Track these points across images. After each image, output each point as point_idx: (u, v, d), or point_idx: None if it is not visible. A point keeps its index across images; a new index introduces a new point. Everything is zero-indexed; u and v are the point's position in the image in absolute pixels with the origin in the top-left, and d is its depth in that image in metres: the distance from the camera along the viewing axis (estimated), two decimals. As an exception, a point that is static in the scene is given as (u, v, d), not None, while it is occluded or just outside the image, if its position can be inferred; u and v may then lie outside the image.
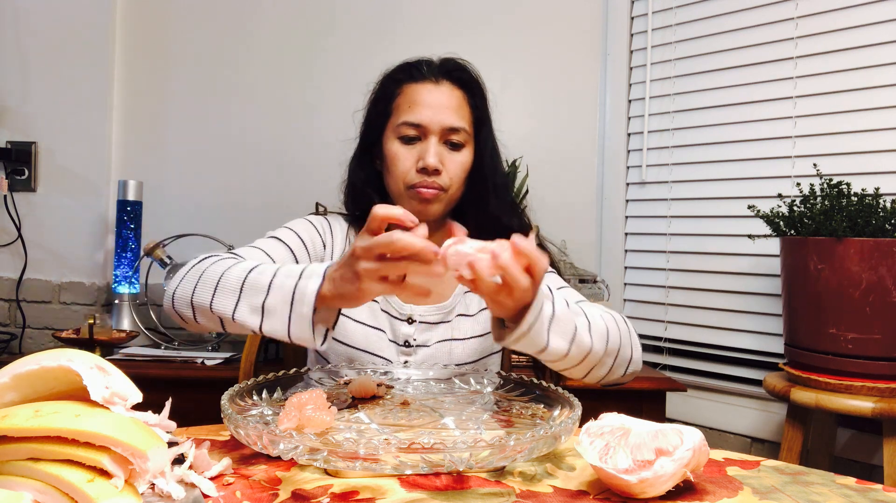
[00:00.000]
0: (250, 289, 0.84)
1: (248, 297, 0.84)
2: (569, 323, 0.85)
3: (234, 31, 2.19)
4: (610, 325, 0.93)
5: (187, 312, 0.90)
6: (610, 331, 0.92)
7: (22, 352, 2.03)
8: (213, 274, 0.88)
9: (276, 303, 0.82)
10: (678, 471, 0.61)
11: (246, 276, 0.86)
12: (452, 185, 1.11)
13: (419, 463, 0.62)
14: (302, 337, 0.81)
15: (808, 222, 1.43)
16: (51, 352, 0.53)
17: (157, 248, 1.90)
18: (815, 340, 1.41)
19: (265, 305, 0.82)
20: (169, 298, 0.92)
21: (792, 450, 1.45)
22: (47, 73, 2.10)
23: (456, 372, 1.02)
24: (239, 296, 0.85)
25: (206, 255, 0.95)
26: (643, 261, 2.08)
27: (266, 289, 0.83)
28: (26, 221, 2.09)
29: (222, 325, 0.88)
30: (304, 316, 0.80)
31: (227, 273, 0.88)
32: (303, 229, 1.13)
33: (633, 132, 2.12)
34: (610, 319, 0.95)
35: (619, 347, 0.94)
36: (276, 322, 0.81)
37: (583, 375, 0.92)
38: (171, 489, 0.54)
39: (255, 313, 0.83)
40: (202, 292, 0.88)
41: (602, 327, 0.91)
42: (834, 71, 1.69)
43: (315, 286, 0.80)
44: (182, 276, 0.92)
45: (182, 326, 0.95)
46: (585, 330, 0.87)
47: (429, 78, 1.12)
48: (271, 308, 0.82)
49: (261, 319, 0.82)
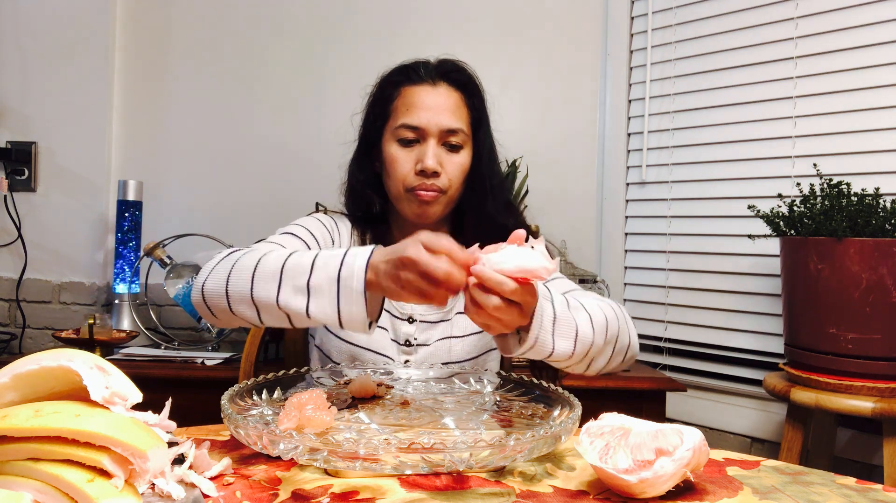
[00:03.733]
0: (291, 271, 0.82)
1: (290, 279, 0.82)
2: (570, 322, 0.86)
3: (233, 32, 2.19)
4: (608, 314, 0.93)
5: (221, 303, 0.87)
6: (608, 321, 0.93)
7: (22, 352, 2.03)
8: (249, 262, 0.87)
9: (322, 281, 0.80)
10: (678, 471, 0.61)
11: (285, 261, 0.84)
12: (451, 187, 1.11)
13: (419, 463, 0.62)
14: (353, 313, 0.79)
15: (808, 222, 1.43)
16: (51, 352, 0.53)
17: (157, 248, 1.90)
18: (815, 340, 1.41)
19: (310, 284, 0.80)
20: (199, 292, 0.90)
21: (792, 450, 1.45)
22: (47, 73, 2.10)
23: (456, 372, 1.02)
24: (280, 280, 0.82)
25: (232, 250, 0.94)
26: (643, 261, 2.08)
27: (309, 268, 0.81)
28: (26, 221, 2.09)
29: (258, 317, 0.86)
30: (355, 290, 0.78)
31: (263, 260, 0.86)
32: (314, 226, 1.13)
33: (633, 132, 2.12)
34: (607, 307, 0.95)
35: (617, 335, 0.94)
36: (324, 301, 0.80)
37: (584, 369, 0.93)
38: (171, 489, 0.54)
39: (301, 294, 0.81)
40: (238, 281, 0.86)
41: (601, 318, 0.91)
42: (834, 71, 1.69)
43: (363, 262, 0.79)
44: (211, 269, 0.91)
45: (210, 321, 0.93)
46: (587, 323, 0.88)
47: (426, 80, 1.12)
48: (317, 286, 0.80)
49: (307, 300, 0.80)
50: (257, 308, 0.85)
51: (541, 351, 0.84)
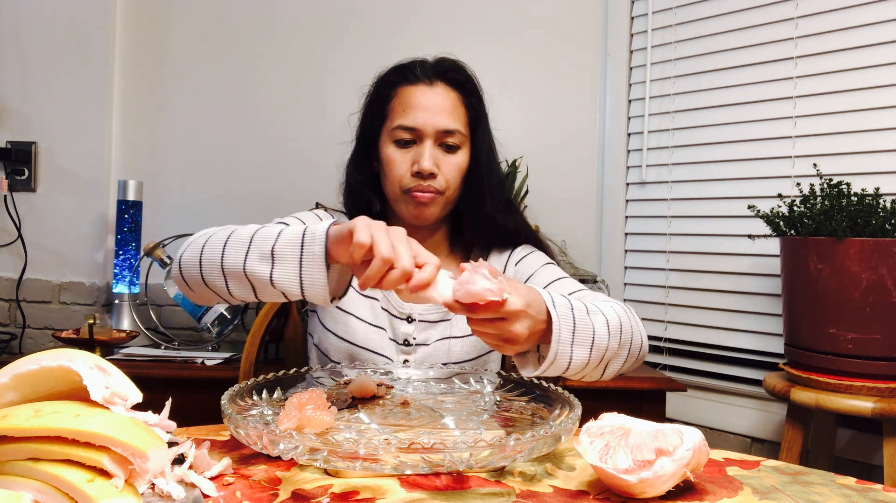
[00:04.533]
0: (259, 240, 0.84)
1: (257, 247, 0.84)
2: (588, 326, 0.86)
3: (233, 32, 2.19)
4: (621, 316, 0.92)
5: (195, 273, 0.89)
6: (622, 322, 0.92)
7: (22, 352, 2.03)
8: (223, 234, 0.89)
9: (286, 247, 0.81)
10: (678, 471, 0.61)
11: (255, 232, 0.86)
12: (449, 188, 1.10)
13: (419, 463, 0.62)
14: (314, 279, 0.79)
15: (808, 222, 1.43)
16: (51, 352, 0.53)
17: (157, 248, 1.90)
18: (815, 340, 1.41)
19: (274, 250, 0.82)
20: (177, 264, 0.92)
21: (792, 450, 1.45)
22: (47, 73, 2.10)
23: (456, 372, 1.02)
24: (248, 248, 0.84)
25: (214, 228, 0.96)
26: (643, 261, 2.08)
27: (275, 237, 0.83)
28: (26, 221, 2.09)
29: (227, 288, 0.86)
30: (317, 255, 0.79)
31: (237, 231, 0.88)
32: (308, 219, 1.13)
33: (633, 132, 2.12)
34: (619, 309, 0.95)
35: (631, 336, 0.93)
36: (287, 266, 0.81)
37: (600, 375, 0.92)
38: (171, 489, 0.54)
39: (265, 261, 0.82)
40: (211, 251, 0.88)
41: (616, 320, 0.90)
42: (834, 71, 1.69)
43: (324, 228, 0.80)
44: (190, 241, 0.93)
45: (187, 295, 0.94)
46: (603, 327, 0.87)
47: (423, 80, 1.11)
48: (280, 252, 0.81)
49: (271, 266, 0.81)
50: (225, 277, 0.86)
51: (560, 364, 0.83)
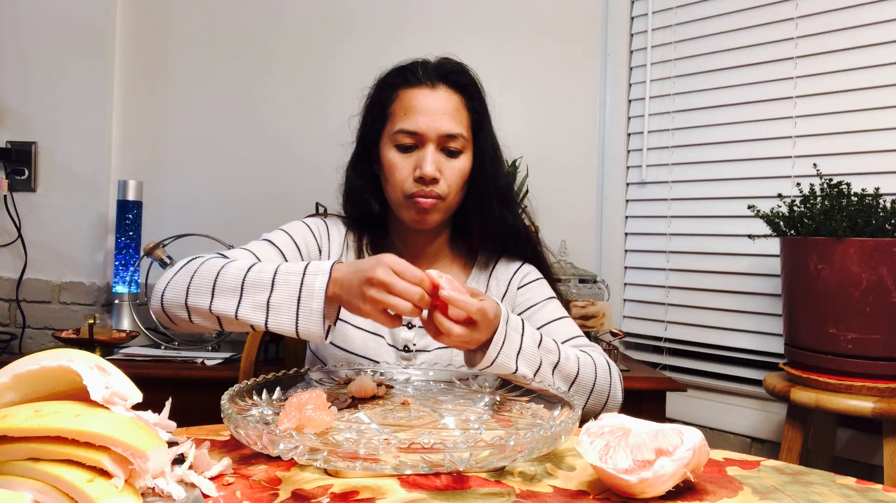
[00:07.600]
0: (252, 287, 0.85)
1: (250, 295, 0.84)
2: (534, 357, 0.91)
3: (234, 31, 2.19)
4: (584, 368, 0.97)
5: (180, 314, 0.89)
6: (581, 375, 0.97)
7: (22, 352, 2.03)
8: (207, 274, 0.88)
9: (283, 300, 0.83)
10: (678, 471, 0.60)
11: (245, 275, 0.86)
12: (450, 193, 1.08)
13: (419, 463, 0.62)
14: (311, 331, 0.83)
15: (808, 222, 1.43)
16: (51, 352, 0.53)
17: (157, 248, 1.90)
18: (815, 340, 1.41)
19: (270, 302, 0.83)
20: (158, 301, 0.91)
21: (792, 450, 1.45)
22: (47, 73, 2.10)
23: (456, 372, 1.02)
24: (241, 295, 0.85)
25: (193, 257, 0.95)
26: (643, 261, 2.08)
27: (269, 285, 0.84)
28: (26, 221, 2.09)
29: (219, 325, 0.88)
30: (315, 311, 0.82)
31: (222, 272, 0.87)
32: (297, 231, 1.12)
33: (633, 132, 2.12)
34: (588, 361, 0.99)
35: (592, 388, 0.98)
36: (282, 318, 0.83)
37: None
38: (171, 489, 0.54)
39: (260, 310, 0.84)
40: (198, 294, 0.87)
41: (572, 369, 0.96)
42: (834, 71, 1.69)
43: (323, 283, 0.82)
44: (170, 279, 0.91)
45: (170, 327, 0.94)
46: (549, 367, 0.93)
47: (424, 82, 1.09)
48: (277, 304, 0.83)
49: (266, 316, 0.83)
50: (218, 319, 0.88)
51: (503, 367, 0.88)
